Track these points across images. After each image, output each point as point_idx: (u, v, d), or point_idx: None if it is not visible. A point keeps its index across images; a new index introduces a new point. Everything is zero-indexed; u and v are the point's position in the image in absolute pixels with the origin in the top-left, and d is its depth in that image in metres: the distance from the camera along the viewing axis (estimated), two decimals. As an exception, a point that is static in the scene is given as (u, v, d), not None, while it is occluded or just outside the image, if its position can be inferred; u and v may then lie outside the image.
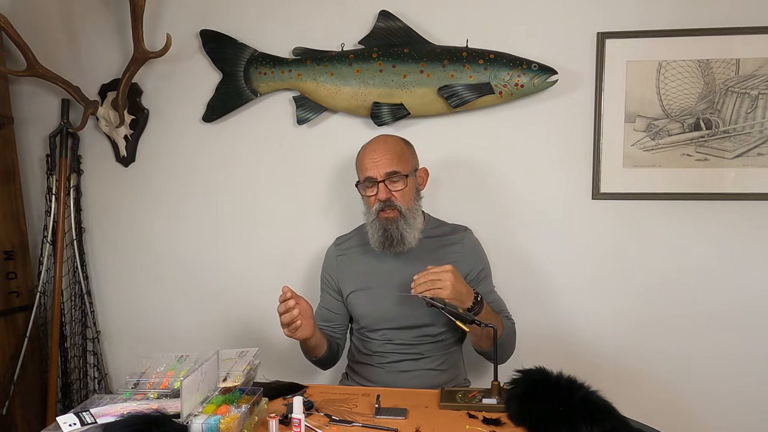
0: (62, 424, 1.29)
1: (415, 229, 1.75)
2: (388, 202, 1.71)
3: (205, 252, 2.30)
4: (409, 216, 1.73)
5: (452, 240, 1.84)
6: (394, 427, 1.34)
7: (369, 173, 1.73)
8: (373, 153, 1.74)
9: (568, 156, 2.06)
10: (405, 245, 1.73)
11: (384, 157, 1.72)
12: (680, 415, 2.05)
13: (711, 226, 2.01)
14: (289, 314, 1.59)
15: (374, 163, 1.73)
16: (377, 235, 1.74)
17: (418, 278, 1.56)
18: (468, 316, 1.54)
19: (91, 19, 2.28)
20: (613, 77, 1.99)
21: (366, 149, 1.78)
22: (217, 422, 1.23)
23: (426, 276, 1.55)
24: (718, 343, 2.03)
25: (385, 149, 1.74)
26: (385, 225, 1.72)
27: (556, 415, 1.28)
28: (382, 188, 1.71)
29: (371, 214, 1.75)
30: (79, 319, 2.34)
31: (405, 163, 1.75)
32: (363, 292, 1.81)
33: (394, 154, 1.73)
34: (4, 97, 2.27)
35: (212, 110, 2.21)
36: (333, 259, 1.89)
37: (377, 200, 1.72)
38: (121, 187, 2.33)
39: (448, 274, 1.54)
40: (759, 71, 1.93)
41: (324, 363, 1.85)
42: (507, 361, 1.75)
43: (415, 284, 1.56)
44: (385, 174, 1.71)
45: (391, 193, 1.72)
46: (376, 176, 1.72)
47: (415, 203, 1.77)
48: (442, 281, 1.53)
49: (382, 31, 2.06)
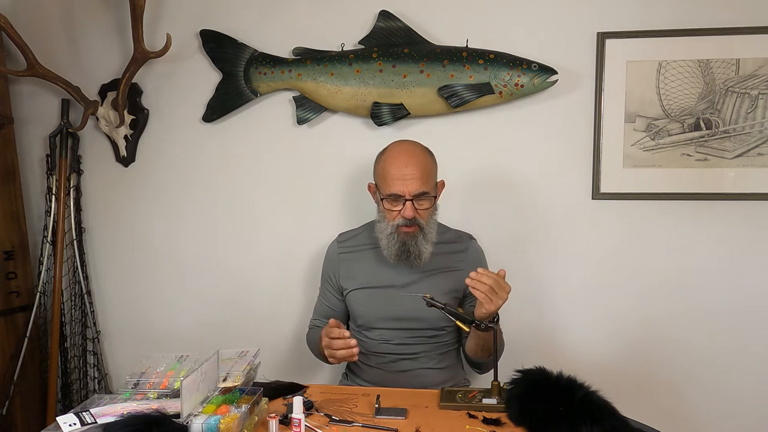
0: (62, 424, 1.29)
1: (431, 243, 1.72)
2: (413, 221, 1.67)
3: (205, 252, 2.30)
4: (428, 231, 1.70)
5: (457, 248, 1.84)
6: (394, 427, 1.34)
7: (397, 190, 1.66)
8: (404, 168, 1.66)
9: (568, 156, 2.06)
10: (421, 260, 1.71)
11: (415, 175, 1.65)
12: (681, 416, 2.05)
13: (711, 226, 2.01)
14: (350, 351, 1.55)
15: (404, 181, 1.65)
16: (394, 248, 1.70)
17: (478, 277, 1.49)
18: (468, 317, 1.54)
19: (91, 19, 2.28)
20: (613, 77, 1.99)
21: (395, 161, 1.69)
22: (217, 422, 1.23)
23: (491, 280, 1.48)
24: (718, 343, 2.03)
25: (417, 166, 1.67)
26: (405, 239, 1.68)
27: (556, 415, 1.28)
28: (409, 207, 1.66)
29: (390, 227, 1.70)
30: (79, 319, 2.34)
31: (433, 182, 1.72)
32: (362, 291, 1.80)
33: (425, 172, 1.67)
34: (4, 97, 2.27)
35: (212, 110, 2.21)
36: (335, 256, 1.88)
37: (401, 216, 1.67)
38: (121, 187, 2.33)
39: (505, 294, 1.49)
40: (759, 71, 1.93)
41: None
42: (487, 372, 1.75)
43: (472, 281, 1.49)
44: (415, 194, 1.66)
45: (417, 212, 1.67)
46: (405, 194, 1.65)
47: (433, 216, 1.74)
48: (498, 297, 1.48)
49: (382, 31, 2.06)
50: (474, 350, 1.71)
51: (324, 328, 1.63)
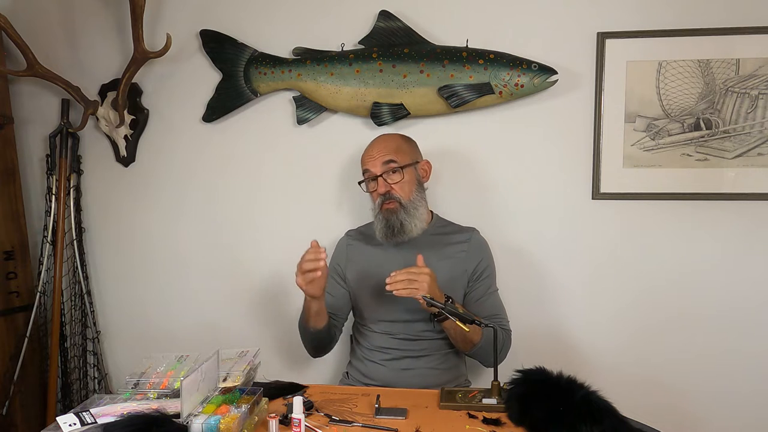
0: (62, 424, 1.29)
1: (417, 219, 1.79)
2: (387, 195, 1.78)
3: (205, 252, 2.30)
4: (410, 207, 1.78)
5: (459, 239, 1.86)
6: (394, 427, 1.34)
7: (367, 167, 1.82)
8: (371, 150, 1.84)
9: (568, 156, 2.06)
10: (405, 234, 1.77)
11: (380, 152, 1.80)
12: (681, 416, 2.05)
13: (711, 226, 2.01)
14: (315, 263, 1.59)
15: (372, 159, 1.81)
16: (380, 226, 1.79)
17: (395, 275, 1.56)
18: (468, 316, 1.54)
19: (91, 19, 2.28)
20: (613, 77, 1.99)
21: (366, 148, 1.87)
22: (217, 422, 1.23)
23: (403, 275, 1.56)
24: (718, 342, 2.03)
25: (382, 146, 1.83)
26: (387, 216, 1.78)
27: (556, 415, 1.28)
28: (380, 182, 1.79)
29: (376, 207, 1.82)
30: (79, 319, 2.34)
31: (401, 155, 1.81)
32: (366, 284, 1.82)
33: (390, 149, 1.81)
34: (4, 97, 2.27)
35: (212, 110, 2.21)
36: (343, 247, 1.93)
37: (378, 194, 1.80)
38: (121, 187, 2.33)
39: (425, 276, 1.56)
40: (759, 71, 1.93)
41: (320, 341, 1.83)
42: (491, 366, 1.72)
43: (391, 280, 1.56)
44: (382, 166, 1.78)
45: (390, 186, 1.78)
46: (374, 171, 1.80)
47: (417, 194, 1.82)
48: (419, 282, 1.55)
49: (382, 31, 2.06)
50: (456, 344, 1.75)
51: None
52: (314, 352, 1.88)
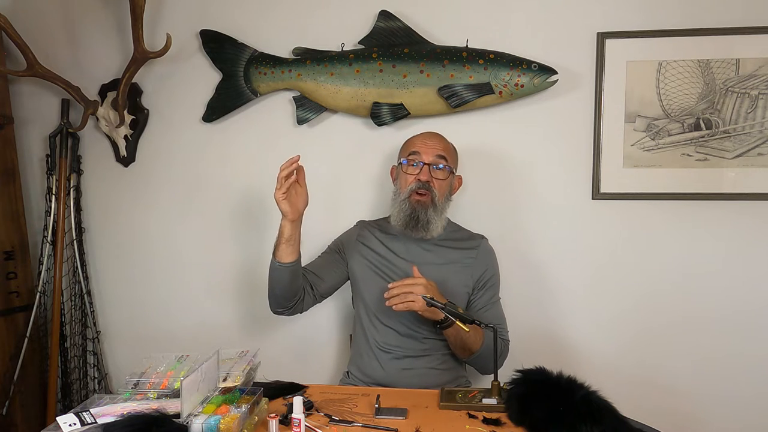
0: (62, 424, 1.29)
1: (441, 221, 1.78)
2: (426, 185, 1.74)
3: (204, 252, 2.30)
4: (439, 207, 1.77)
5: (468, 245, 1.86)
6: (394, 427, 1.34)
7: (418, 149, 1.78)
8: (427, 139, 1.81)
9: (568, 156, 2.06)
10: (428, 231, 1.76)
11: (437, 145, 1.79)
12: (681, 417, 2.04)
13: (711, 226, 2.01)
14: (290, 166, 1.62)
15: (426, 146, 1.79)
16: (403, 215, 1.76)
17: (392, 289, 1.58)
18: (468, 316, 1.54)
19: (91, 19, 2.28)
20: (613, 77, 1.99)
21: (419, 135, 1.85)
22: (217, 422, 1.23)
23: (400, 288, 1.58)
24: (718, 343, 2.03)
25: (438, 140, 1.82)
26: (415, 206, 1.75)
27: (556, 415, 1.28)
28: (425, 170, 1.75)
29: (403, 193, 1.77)
30: (79, 319, 2.34)
31: (451, 159, 1.83)
32: (374, 279, 1.82)
33: (446, 147, 1.82)
34: (4, 97, 2.27)
35: (212, 110, 2.21)
36: (353, 236, 1.92)
37: (416, 180, 1.75)
38: (121, 187, 2.33)
39: (420, 287, 1.56)
40: (759, 71, 1.93)
41: (280, 283, 1.74)
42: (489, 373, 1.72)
43: (389, 295, 1.58)
44: (435, 158, 1.77)
45: (432, 178, 1.76)
46: (425, 157, 1.77)
47: (446, 200, 1.82)
48: (414, 294, 1.56)
49: (382, 31, 2.06)
50: (456, 352, 1.76)
51: None
52: (275, 301, 1.79)
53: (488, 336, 1.67)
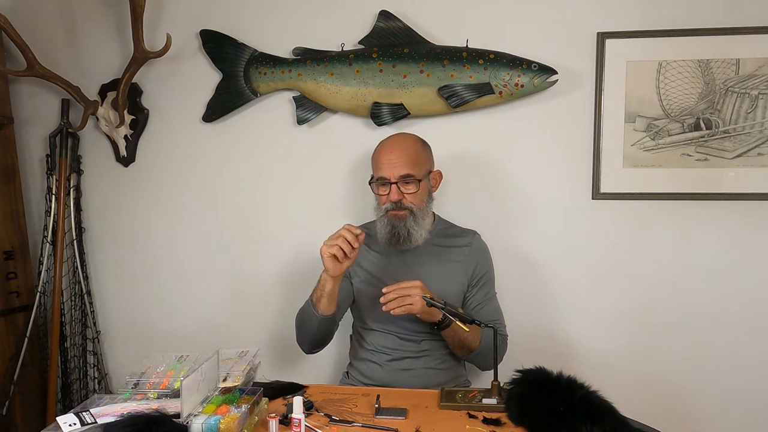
0: (62, 424, 1.29)
1: (423, 229, 1.76)
2: (398, 204, 1.73)
3: (204, 252, 2.30)
4: (419, 215, 1.75)
5: (460, 242, 1.85)
6: (394, 427, 1.34)
7: (383, 173, 1.74)
8: (390, 153, 1.75)
9: (568, 156, 2.06)
10: (411, 243, 1.75)
11: (400, 159, 1.73)
12: (681, 416, 2.04)
13: (711, 226, 2.01)
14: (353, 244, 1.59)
15: (390, 164, 1.73)
16: (384, 231, 1.76)
17: (388, 293, 1.58)
18: (468, 316, 1.54)
19: (91, 19, 2.28)
20: (613, 77, 1.99)
21: (383, 148, 1.78)
22: (217, 422, 1.23)
23: (396, 291, 1.58)
24: (718, 342, 2.03)
25: (402, 150, 1.75)
26: (393, 222, 1.74)
27: (556, 415, 1.28)
28: (394, 190, 1.72)
29: (381, 210, 1.77)
30: (79, 319, 2.34)
31: (420, 167, 1.75)
32: (368, 287, 1.82)
33: (410, 157, 1.74)
34: (4, 97, 2.27)
35: (212, 110, 2.21)
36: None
37: (389, 200, 1.74)
38: (121, 187, 2.33)
39: (417, 289, 1.57)
40: (759, 71, 1.93)
41: (321, 332, 1.77)
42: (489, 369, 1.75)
43: (385, 299, 1.58)
44: (400, 177, 1.72)
45: (402, 195, 1.73)
46: (390, 178, 1.73)
47: (427, 205, 1.79)
48: (411, 297, 1.56)
49: (382, 31, 2.06)
50: (455, 351, 1.76)
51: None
52: (311, 345, 1.81)
53: (486, 333, 1.66)
